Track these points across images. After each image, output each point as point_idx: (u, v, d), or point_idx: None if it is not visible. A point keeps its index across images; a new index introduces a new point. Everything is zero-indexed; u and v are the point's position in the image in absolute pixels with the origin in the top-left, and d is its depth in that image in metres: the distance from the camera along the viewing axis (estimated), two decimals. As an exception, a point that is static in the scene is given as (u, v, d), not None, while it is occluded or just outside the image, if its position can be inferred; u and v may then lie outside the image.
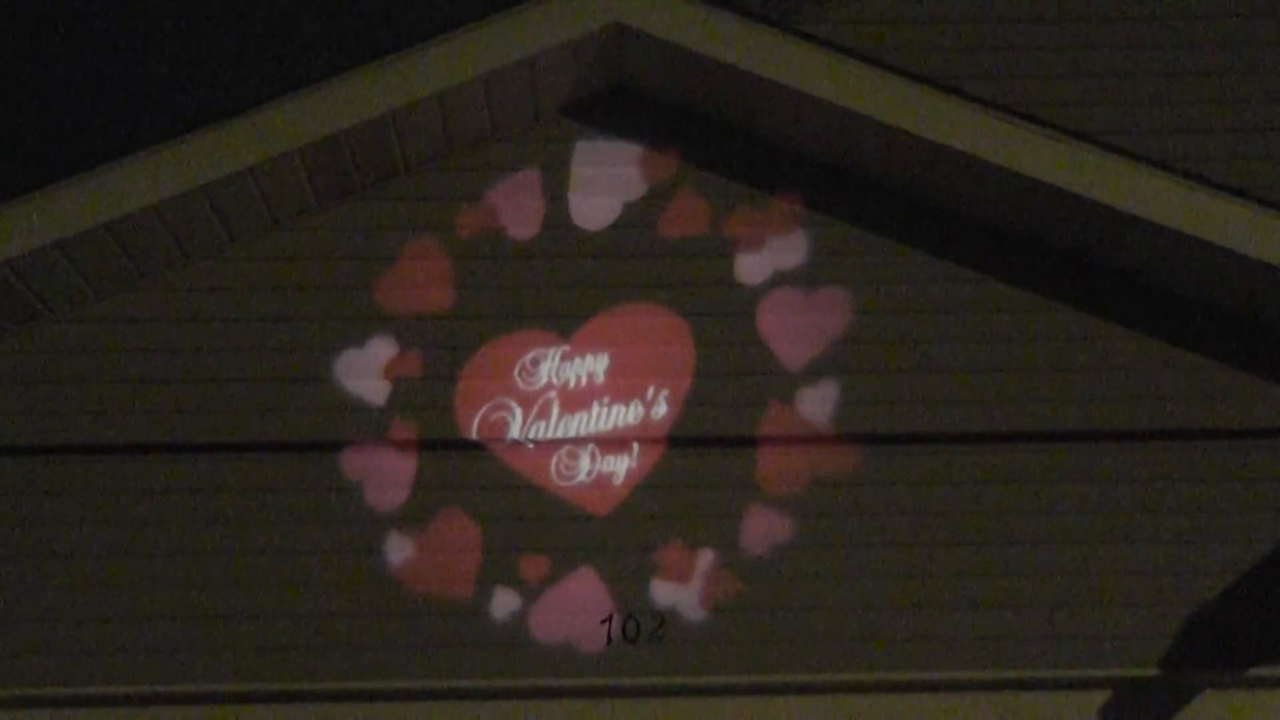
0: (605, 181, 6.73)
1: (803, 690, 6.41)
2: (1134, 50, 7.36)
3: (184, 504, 6.40)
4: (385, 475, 6.43)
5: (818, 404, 6.54)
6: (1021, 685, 6.34)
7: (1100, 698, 6.37)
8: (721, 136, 6.71)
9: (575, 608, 6.36)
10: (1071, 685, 6.36)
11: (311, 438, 6.44)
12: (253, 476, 6.42)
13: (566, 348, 6.59)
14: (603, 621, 6.33)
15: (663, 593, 6.35)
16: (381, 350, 6.55)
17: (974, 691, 6.37)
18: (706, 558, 6.37)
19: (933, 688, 6.37)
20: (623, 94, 6.70)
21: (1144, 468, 6.46)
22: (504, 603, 6.33)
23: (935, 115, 6.24)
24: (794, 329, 6.59)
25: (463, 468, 6.48)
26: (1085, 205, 6.17)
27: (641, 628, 6.34)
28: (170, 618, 6.28)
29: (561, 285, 6.64)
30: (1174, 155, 6.58)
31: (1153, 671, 6.28)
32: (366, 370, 6.51)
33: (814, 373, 6.56)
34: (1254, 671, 6.26)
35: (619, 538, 6.44)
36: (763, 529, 6.44)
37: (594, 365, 6.60)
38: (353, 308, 6.56)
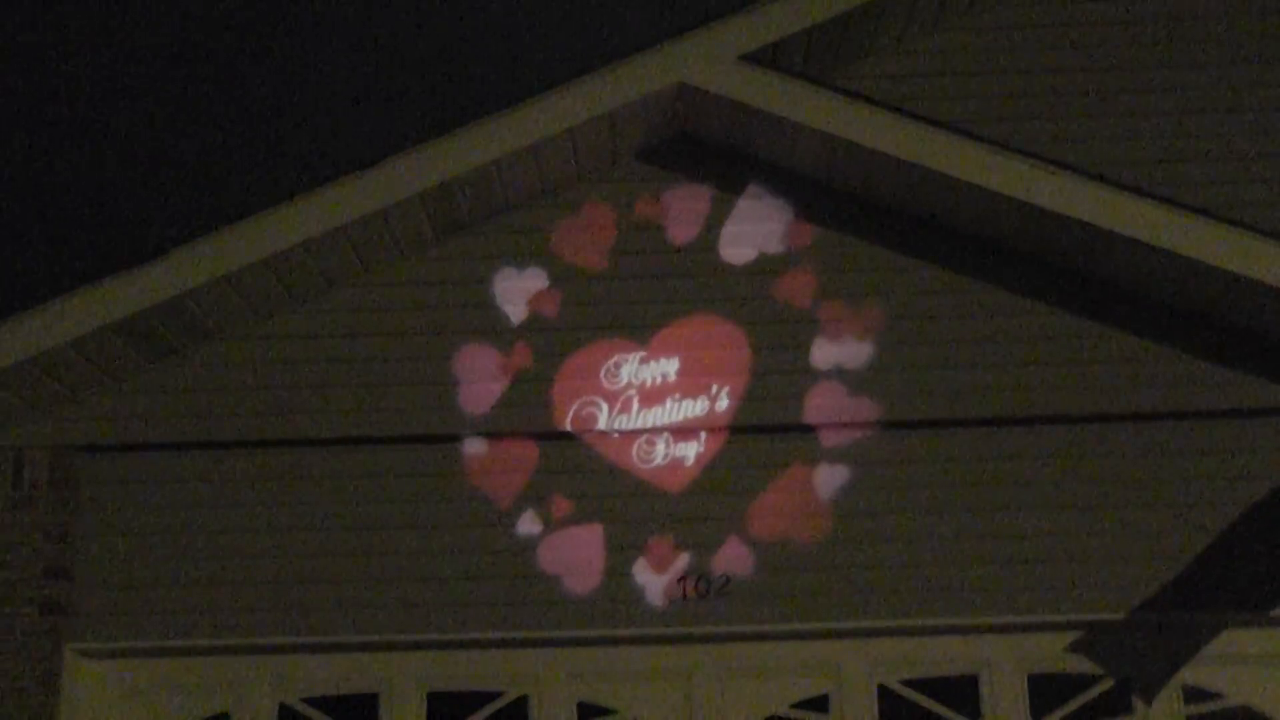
0: (671, 214, 7.47)
1: (840, 635, 7.21)
2: (1130, 93, 7.91)
3: (334, 487, 7.27)
4: (496, 461, 7.27)
5: (852, 396, 7.26)
6: (1032, 628, 7.12)
7: (1099, 638, 7.14)
8: (768, 174, 7.44)
9: (656, 569, 7.16)
10: (1070, 627, 7.12)
11: (435, 431, 7.28)
12: (390, 464, 7.26)
13: (644, 353, 7.37)
14: (679, 580, 7.15)
15: (727, 555, 7.15)
16: (492, 358, 7.34)
17: (995, 634, 7.16)
18: (763, 526, 7.16)
19: (951, 631, 7.17)
20: (686, 140, 7.46)
21: (1130, 445, 7.16)
22: (596, 565, 7.17)
23: (941, 152, 6.94)
24: (831, 334, 7.31)
25: (560, 454, 7.29)
26: (1074, 224, 6.86)
27: (711, 585, 7.14)
28: (329, 582, 7.18)
29: (638, 301, 7.40)
30: (1152, 181, 7.30)
31: (1121, 615, 7.00)
32: (481, 374, 7.31)
33: (848, 370, 7.29)
34: (1229, 614, 6.97)
35: (690, 510, 7.23)
36: (817, 502, 7.21)
37: (666, 367, 7.37)
38: (467, 323, 7.37)
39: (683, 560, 7.23)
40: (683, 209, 7.47)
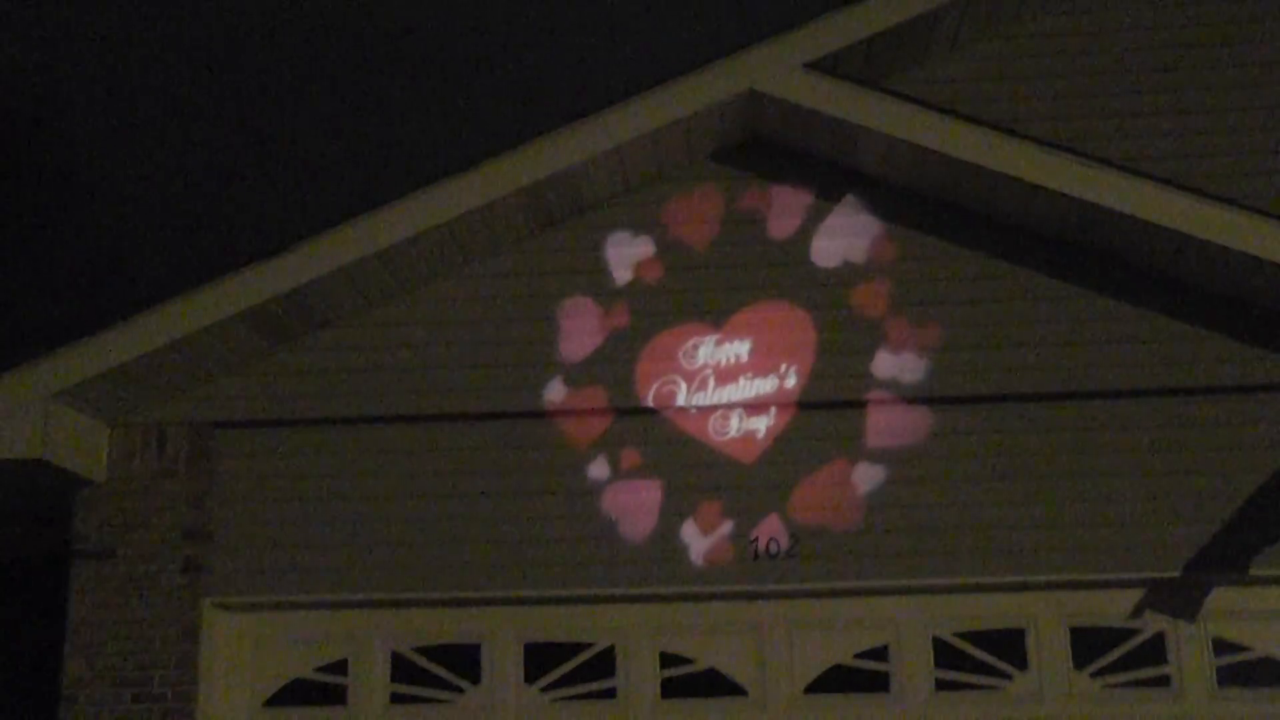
0: (743, 209, 8.06)
1: (898, 592, 7.78)
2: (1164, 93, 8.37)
3: (439, 459, 7.96)
4: (586, 435, 7.92)
5: (907, 375, 7.81)
6: (1074, 586, 7.65)
7: (1135, 594, 7.68)
8: (832, 172, 8.00)
9: (730, 532, 7.77)
10: (1109, 585, 7.66)
11: (530, 408, 7.93)
12: (490, 437, 7.94)
13: (719, 336, 7.96)
14: (751, 542, 7.74)
15: (795, 520, 7.75)
16: (583, 340, 7.97)
17: (1039, 590, 7.69)
18: (827, 493, 7.75)
19: (999, 588, 7.71)
20: (756, 142, 8.05)
21: (1161, 417, 7.68)
22: (676, 528, 7.80)
23: (986, 149, 7.47)
24: (889, 318, 7.86)
25: (643, 429, 7.92)
26: (1103, 212, 7.39)
27: (780, 547, 7.74)
28: (437, 544, 7.87)
29: (714, 289, 7.99)
30: (1181, 174, 7.78)
31: (1176, 574, 7.55)
32: (572, 354, 7.94)
33: (905, 350, 7.82)
34: (1253, 572, 7.50)
35: (761, 479, 7.81)
36: (868, 471, 7.78)
37: (739, 349, 7.94)
38: (558, 310, 8.01)
39: (755, 524, 7.82)
40: (753, 205, 8.06)
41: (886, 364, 7.87)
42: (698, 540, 7.83)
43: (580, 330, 8.03)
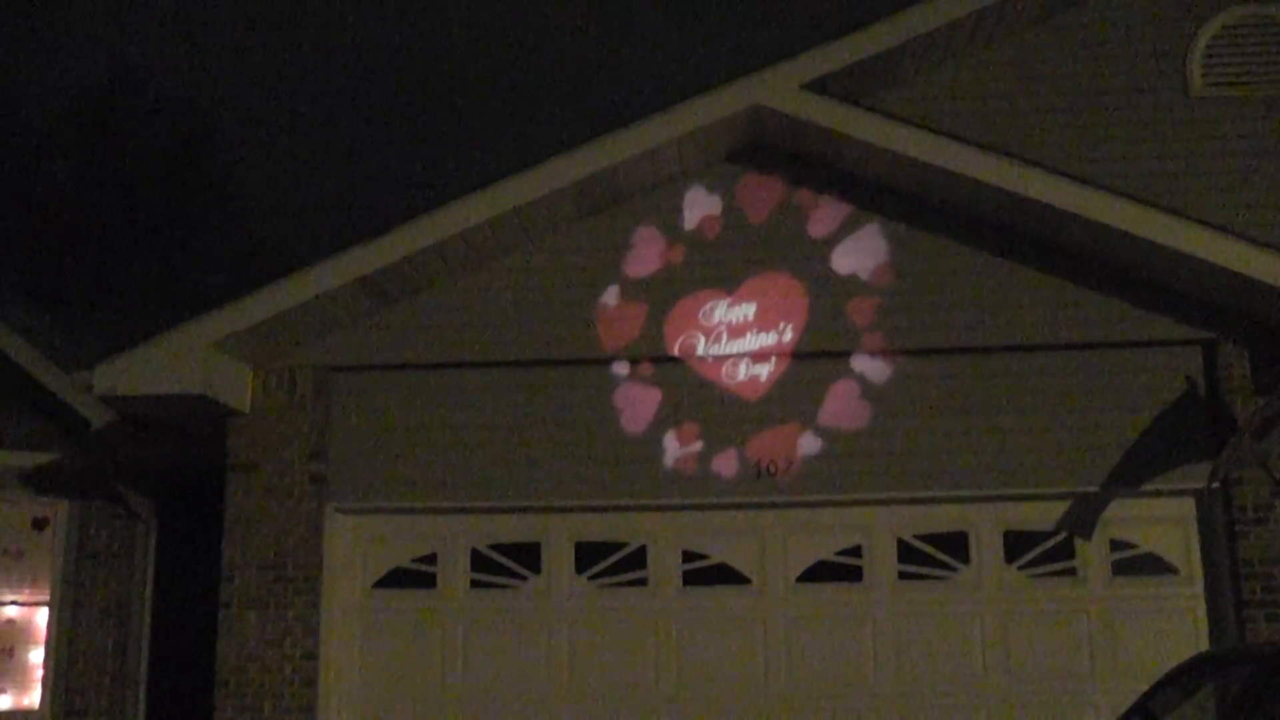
0: (750, 199, 9.47)
1: (870, 504, 9.25)
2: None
3: (509, 396, 9.52)
4: (625, 378, 9.44)
5: (880, 330, 9.18)
6: (1006, 499, 9.17)
7: (1053, 505, 9.17)
8: (822, 171, 9.42)
9: (738, 456, 9.27)
10: (1034, 498, 9.14)
11: (581, 356, 9.42)
12: (550, 380, 9.49)
13: (730, 299, 9.35)
14: (755, 464, 9.25)
15: (790, 447, 9.22)
16: (623, 302, 9.41)
17: (979, 503, 9.21)
18: (815, 424, 9.26)
19: (949, 500, 9.21)
20: (761, 147, 9.48)
21: (1076, 367, 9.17)
22: (699, 451, 9.30)
23: (947, 153, 8.88)
24: (866, 285, 9.25)
25: (670, 373, 9.41)
26: (1058, 211, 8.79)
27: (777, 468, 9.23)
28: (506, 463, 9.47)
29: (727, 262, 9.41)
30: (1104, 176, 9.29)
31: (1084, 490, 9.06)
32: (613, 315, 9.43)
33: (877, 311, 9.24)
34: (1146, 486, 8.97)
35: (764, 414, 9.30)
36: (853, 408, 9.24)
37: (747, 310, 9.35)
38: (602, 278, 9.48)
39: (758, 450, 9.31)
40: (758, 196, 9.53)
41: (862, 323, 9.34)
42: (711, 461, 9.35)
43: (620, 294, 9.52)
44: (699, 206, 9.65)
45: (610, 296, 9.60)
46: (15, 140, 27.43)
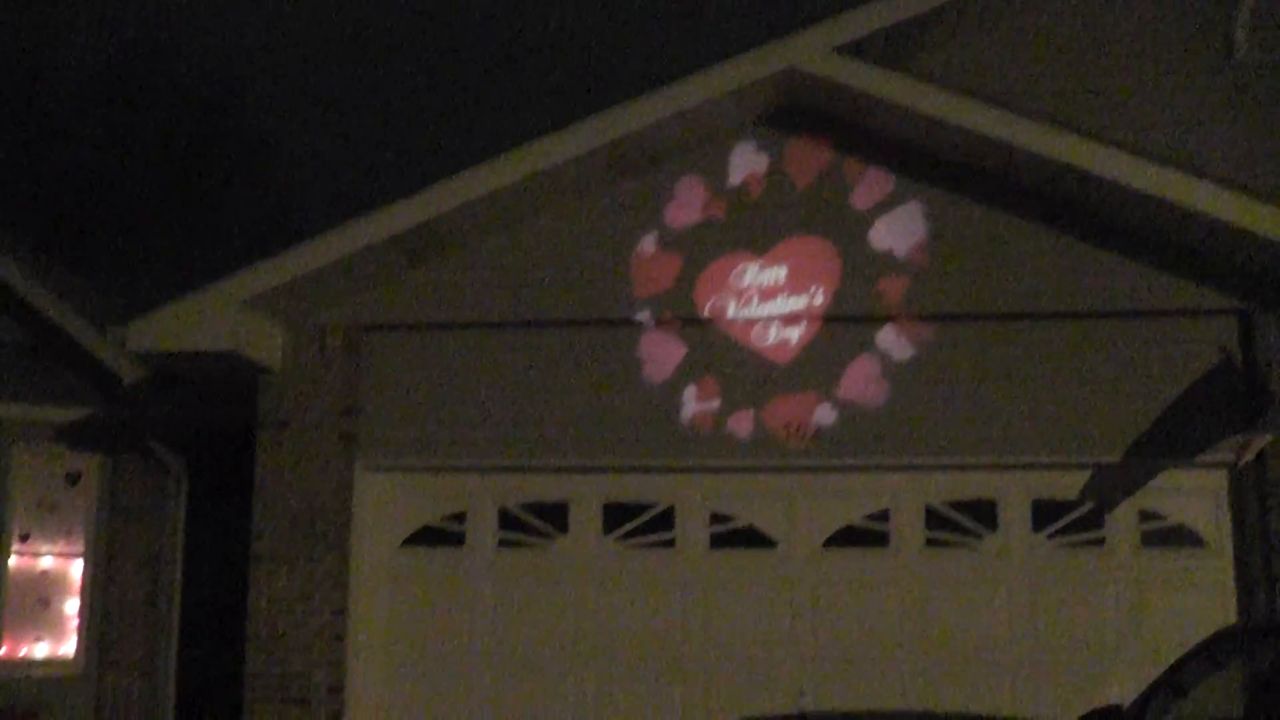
0: (781, 161, 9.43)
1: (898, 469, 9.27)
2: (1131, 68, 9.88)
3: (538, 355, 9.56)
4: (656, 338, 9.45)
5: (910, 295, 9.17)
6: (1035, 467, 9.10)
7: (1082, 475, 9.16)
8: (853, 133, 9.37)
9: (767, 419, 9.30)
10: (1063, 467, 9.09)
11: (612, 316, 9.45)
12: (580, 340, 9.52)
13: (761, 262, 9.36)
14: (784, 427, 9.27)
15: (819, 410, 9.25)
16: (653, 264, 9.43)
17: (1008, 471, 9.19)
18: (845, 389, 9.25)
19: (978, 468, 9.19)
20: (794, 108, 9.44)
21: (1107, 337, 9.11)
22: (727, 413, 9.32)
23: (987, 121, 8.81)
24: (897, 249, 9.21)
25: (700, 335, 9.41)
26: (1074, 170, 8.71)
27: (806, 431, 9.25)
28: (536, 423, 9.49)
29: (758, 225, 9.37)
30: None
31: (1115, 459, 9.05)
32: (644, 276, 9.44)
33: (906, 278, 9.21)
34: (1178, 457, 8.96)
35: (794, 376, 9.30)
36: (879, 371, 9.23)
37: (778, 273, 9.34)
38: (634, 238, 9.48)
39: (787, 412, 9.31)
40: (790, 159, 9.51)
41: (893, 289, 9.30)
42: (739, 423, 9.37)
43: (651, 255, 9.53)
44: (731, 169, 9.63)
45: (641, 256, 9.60)
46: (47, 101, 27.63)
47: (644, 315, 9.52)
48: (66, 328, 12.13)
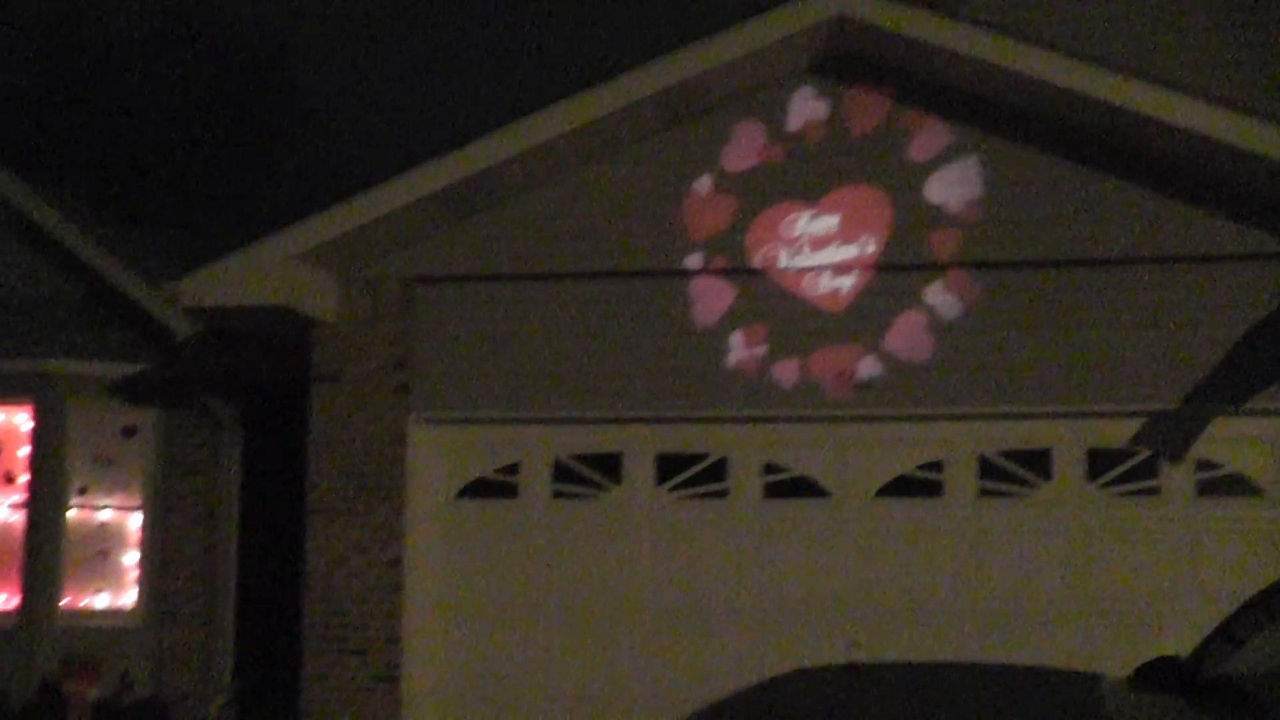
0: (834, 110, 9.37)
1: (951, 418, 9.24)
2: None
3: (591, 306, 9.55)
4: (708, 288, 9.45)
5: (962, 244, 9.13)
6: (1090, 415, 9.06)
7: (1136, 423, 9.08)
8: (903, 80, 9.32)
9: (819, 367, 9.29)
10: (1117, 415, 9.06)
11: (664, 266, 9.45)
12: (632, 290, 9.50)
13: (814, 211, 9.33)
14: (837, 376, 9.27)
15: (872, 359, 9.22)
16: (705, 214, 9.41)
17: (1062, 419, 9.14)
18: (897, 338, 9.21)
19: (1031, 416, 9.14)
20: (844, 56, 9.37)
21: (1163, 282, 9.02)
22: (775, 363, 9.34)
23: (1025, 59, 8.68)
24: (950, 195, 9.16)
25: (752, 285, 9.39)
26: (1148, 119, 8.56)
27: (859, 380, 9.22)
28: (590, 374, 9.52)
29: (810, 173, 9.33)
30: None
31: (1169, 407, 8.99)
32: (696, 225, 9.42)
33: (960, 224, 9.15)
34: (1234, 404, 8.87)
35: (847, 326, 9.28)
36: (929, 321, 9.19)
37: (830, 222, 9.32)
38: (685, 189, 9.45)
39: (839, 362, 9.29)
40: (841, 107, 9.45)
41: (945, 236, 9.26)
42: (792, 373, 9.37)
43: (703, 206, 9.52)
44: (781, 118, 9.58)
45: (695, 200, 9.58)
46: (100, 56, 27.78)
47: (695, 259, 9.49)
48: (121, 284, 12.29)
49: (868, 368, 9.32)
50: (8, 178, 13.03)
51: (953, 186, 9.29)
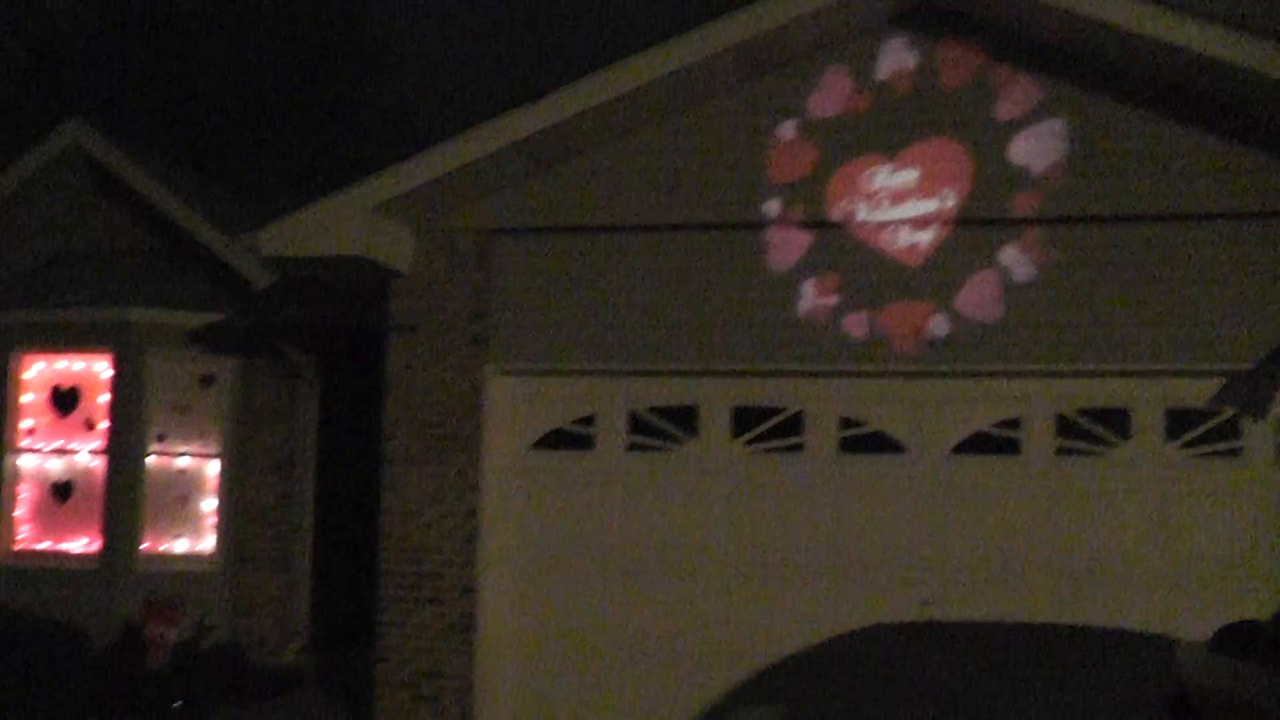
0: (916, 62, 9.27)
1: (1030, 375, 9.15)
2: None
3: (668, 259, 9.52)
4: (786, 242, 9.41)
5: (1043, 198, 8.99)
6: (1170, 374, 8.94)
7: (1218, 383, 8.95)
8: (988, 33, 9.17)
9: (897, 324, 9.21)
10: (1198, 374, 8.92)
11: (743, 220, 9.41)
12: (709, 244, 9.48)
13: (893, 165, 9.26)
14: (915, 332, 9.17)
15: (949, 314, 9.12)
16: (784, 167, 9.33)
17: (1142, 378, 9.02)
18: (976, 293, 9.11)
19: (1111, 375, 9.03)
20: (927, 7, 9.24)
21: (1246, 238, 8.82)
22: (855, 316, 9.27)
23: (1120, 9, 8.47)
24: (1031, 151, 9.03)
25: (830, 238, 9.34)
26: (1237, 70, 8.34)
27: (937, 335, 9.12)
28: (666, 326, 9.51)
29: (890, 126, 9.25)
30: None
31: (1239, 365, 8.79)
32: (776, 178, 9.37)
33: (1041, 178, 9.01)
34: None
35: (924, 280, 9.18)
36: (1008, 277, 9.07)
37: (910, 176, 9.22)
38: (764, 141, 9.40)
39: (917, 317, 9.21)
40: (924, 59, 9.33)
41: (1027, 194, 9.15)
42: (870, 327, 9.31)
43: (782, 159, 9.46)
44: (862, 70, 9.49)
45: (773, 160, 9.53)
46: (176, 13, 27.99)
47: (773, 206, 9.44)
48: (199, 235, 12.44)
49: (940, 323, 9.24)
50: (89, 133, 13.20)
51: (1037, 145, 9.16)
